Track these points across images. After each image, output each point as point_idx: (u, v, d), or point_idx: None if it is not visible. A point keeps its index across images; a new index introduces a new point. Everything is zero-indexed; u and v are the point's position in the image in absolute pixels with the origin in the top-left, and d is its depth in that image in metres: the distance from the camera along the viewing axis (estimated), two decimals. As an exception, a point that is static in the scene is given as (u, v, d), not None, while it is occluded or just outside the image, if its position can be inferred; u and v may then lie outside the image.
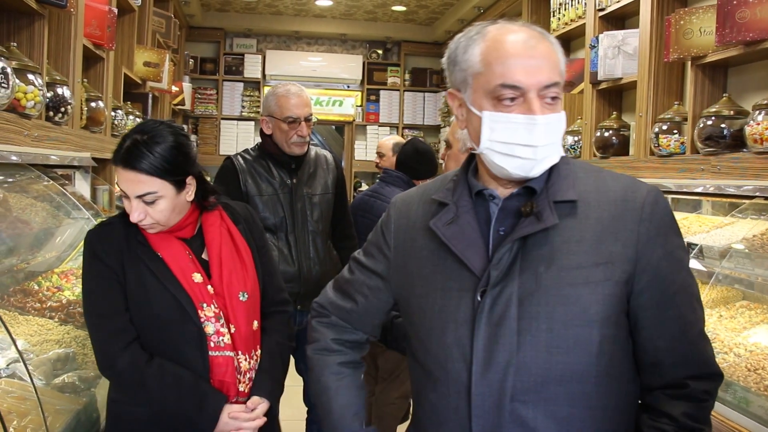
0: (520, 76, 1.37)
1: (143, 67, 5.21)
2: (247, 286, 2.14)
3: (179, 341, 2.02)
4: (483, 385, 1.38)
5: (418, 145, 4.33)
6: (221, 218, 2.18)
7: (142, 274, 2.02)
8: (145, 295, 2.01)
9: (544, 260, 1.38)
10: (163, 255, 2.04)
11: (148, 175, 1.93)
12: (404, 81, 9.22)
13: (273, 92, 3.37)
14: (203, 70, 8.83)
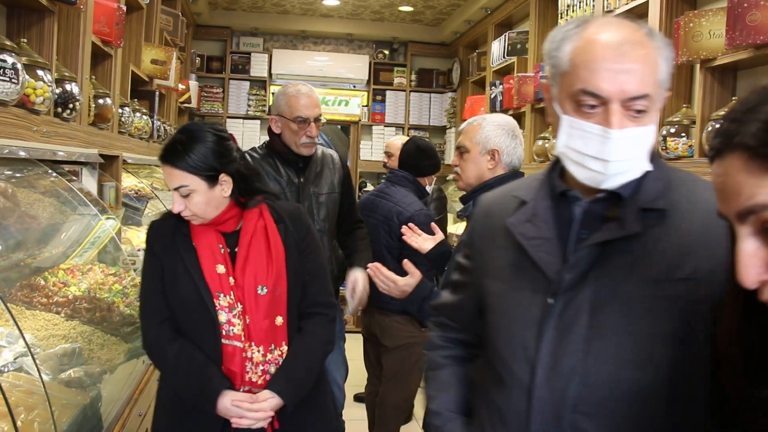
0: (605, 83, 1.30)
1: (150, 64, 5.22)
2: (269, 282, 2.22)
3: (197, 326, 2.21)
4: (545, 390, 1.35)
5: (419, 142, 4.35)
6: (260, 215, 2.30)
7: (176, 262, 2.24)
8: (174, 282, 2.23)
9: (623, 269, 1.31)
10: (197, 246, 2.24)
11: (180, 171, 2.15)
12: (410, 81, 9.22)
13: (283, 92, 3.38)
14: (210, 69, 8.85)
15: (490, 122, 2.80)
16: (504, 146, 2.76)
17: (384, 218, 4.08)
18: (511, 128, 2.81)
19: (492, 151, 2.76)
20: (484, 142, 2.77)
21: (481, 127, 2.79)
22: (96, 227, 3.30)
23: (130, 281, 3.24)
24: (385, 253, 4.05)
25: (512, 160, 2.79)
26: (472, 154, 2.80)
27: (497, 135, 2.77)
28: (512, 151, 2.77)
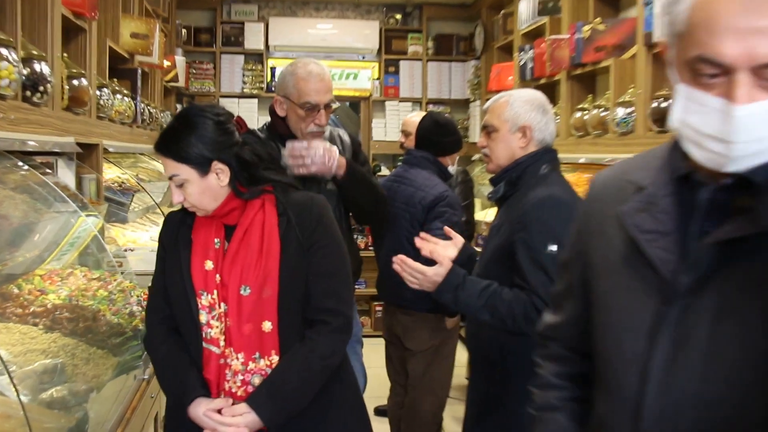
0: (728, 48, 1.18)
1: (130, 39, 5.21)
2: (255, 281, 2.21)
3: (185, 327, 2.32)
4: (656, 411, 1.30)
5: (437, 117, 4.35)
6: (261, 207, 2.31)
7: (173, 256, 2.35)
8: (169, 278, 2.35)
9: (756, 274, 1.22)
10: (194, 239, 2.33)
11: (170, 159, 2.25)
12: (427, 49, 9.18)
13: (292, 71, 3.34)
14: (198, 42, 8.84)
15: (518, 98, 2.85)
16: (535, 122, 2.81)
17: (404, 206, 4.07)
18: (541, 103, 2.86)
19: (523, 127, 2.81)
20: (513, 119, 2.82)
21: (509, 104, 2.84)
22: (75, 226, 3.30)
23: (116, 286, 3.23)
24: (407, 246, 4.03)
25: (544, 137, 2.84)
26: (502, 132, 2.84)
27: (527, 111, 2.82)
28: (544, 126, 2.82)
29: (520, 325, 2.58)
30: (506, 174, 2.83)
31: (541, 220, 2.59)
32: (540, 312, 2.49)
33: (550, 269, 2.52)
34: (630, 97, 4.47)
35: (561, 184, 2.76)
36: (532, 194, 2.68)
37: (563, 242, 2.49)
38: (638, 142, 4.29)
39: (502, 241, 2.73)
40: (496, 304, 2.61)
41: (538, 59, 6.19)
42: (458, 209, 4.08)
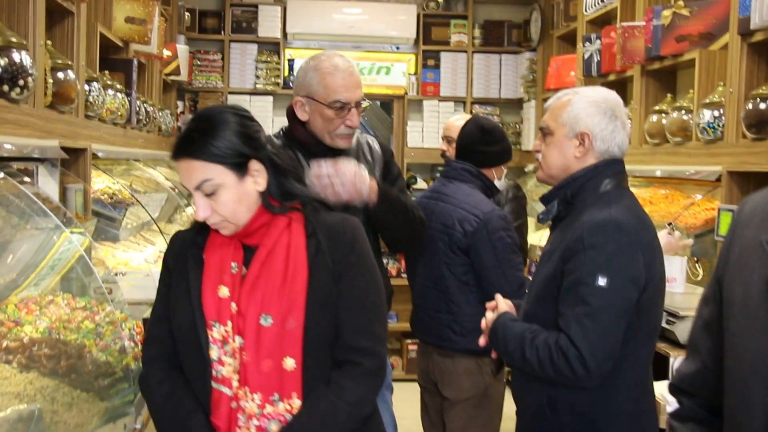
0: None
1: (125, 24, 5.24)
2: (278, 311, 2.23)
3: (190, 363, 2.32)
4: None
5: (482, 121, 4.32)
6: (288, 226, 2.33)
7: (180, 281, 2.35)
8: (175, 305, 2.35)
9: None
10: (206, 261, 2.33)
11: (201, 161, 2.22)
12: (473, 39, 9.17)
13: (315, 66, 3.36)
14: (203, 28, 8.89)
15: (583, 97, 2.83)
16: (598, 129, 2.79)
17: (443, 227, 4.04)
18: (610, 106, 2.83)
19: (581, 134, 2.80)
20: (572, 122, 2.81)
21: (570, 104, 2.83)
22: (57, 244, 3.30)
23: (105, 317, 3.23)
24: (445, 272, 4.01)
25: (609, 147, 2.81)
26: (557, 137, 2.84)
27: (590, 114, 2.80)
28: (609, 135, 2.80)
29: (547, 372, 2.58)
30: (559, 191, 2.83)
31: (594, 248, 2.58)
32: (566, 356, 2.50)
33: (593, 306, 2.51)
34: (719, 97, 4.43)
35: (625, 204, 2.73)
36: (587, 216, 2.66)
37: (617, 276, 2.48)
38: (729, 152, 4.24)
39: (551, 271, 2.72)
40: (525, 348, 2.64)
41: (606, 51, 6.15)
42: (510, 226, 4.05)
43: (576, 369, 2.50)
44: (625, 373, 2.63)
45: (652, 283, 2.60)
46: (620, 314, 2.52)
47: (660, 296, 2.72)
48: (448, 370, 4.10)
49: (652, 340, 2.73)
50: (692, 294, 4.16)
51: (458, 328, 4.02)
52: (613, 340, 2.53)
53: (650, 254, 2.61)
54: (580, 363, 2.49)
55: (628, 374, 2.64)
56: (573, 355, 2.50)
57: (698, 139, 4.60)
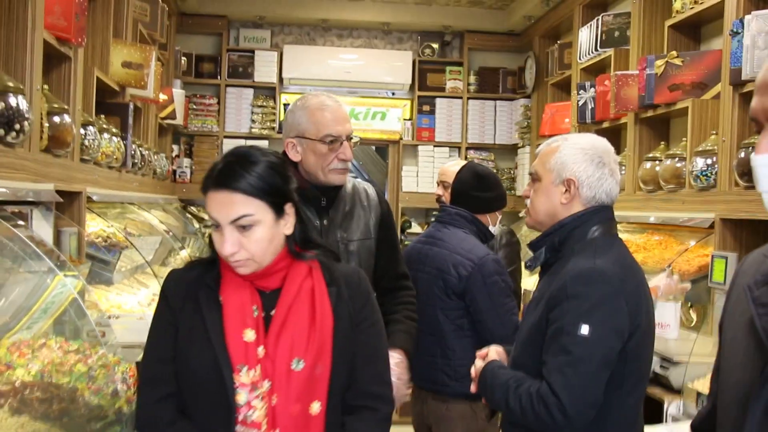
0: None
1: (122, 68, 5.27)
2: (309, 355, 2.26)
3: (208, 407, 2.27)
4: None
5: (477, 168, 4.35)
6: (309, 273, 2.37)
7: (194, 322, 2.32)
8: (188, 347, 2.31)
9: None
10: (225, 303, 2.31)
11: (244, 194, 2.23)
12: (468, 85, 9.22)
13: (303, 105, 3.39)
14: (200, 73, 8.93)
15: (572, 144, 2.84)
16: (584, 176, 2.79)
17: (437, 271, 4.05)
18: (598, 153, 2.82)
19: (567, 180, 2.80)
20: (559, 168, 2.81)
21: (558, 150, 2.84)
22: (50, 287, 3.29)
23: (98, 360, 3.21)
24: (440, 317, 4.01)
25: (596, 194, 2.80)
26: (544, 183, 2.85)
27: (576, 161, 2.80)
28: (596, 182, 2.80)
29: (530, 420, 2.59)
30: (547, 238, 2.83)
31: (577, 297, 2.58)
32: (546, 405, 2.51)
33: (575, 355, 2.51)
34: (711, 146, 4.45)
35: (612, 253, 2.72)
36: (572, 264, 2.66)
37: (599, 325, 2.50)
38: (721, 199, 4.26)
39: (536, 319, 2.72)
40: (509, 396, 2.64)
41: (600, 99, 6.19)
42: (504, 271, 4.05)
43: (556, 417, 2.50)
44: (613, 420, 2.62)
45: (638, 331, 2.60)
46: (602, 363, 2.52)
47: (648, 343, 2.72)
48: (443, 414, 4.09)
49: (640, 388, 2.72)
50: (686, 340, 4.16)
51: (452, 373, 4.01)
52: (594, 390, 2.52)
53: (635, 303, 2.61)
54: (560, 411, 2.49)
55: (616, 422, 2.64)
56: (553, 403, 2.50)
57: (691, 186, 4.62)
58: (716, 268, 4.08)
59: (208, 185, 2.28)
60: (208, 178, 2.28)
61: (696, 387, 3.71)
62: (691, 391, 3.73)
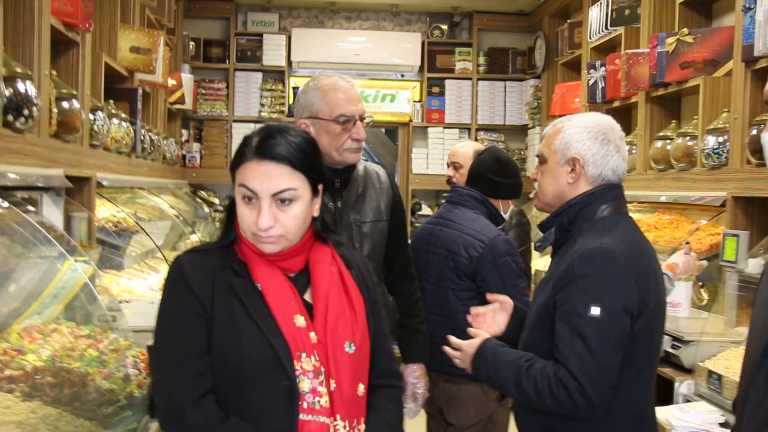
0: None
1: (130, 53, 5.26)
2: (356, 337, 2.27)
3: (265, 398, 2.17)
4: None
5: (499, 153, 4.32)
6: (332, 257, 2.36)
7: (234, 311, 2.20)
8: (236, 337, 2.18)
9: None
10: (264, 288, 2.22)
11: (291, 167, 2.18)
12: (478, 66, 9.21)
13: (315, 86, 3.39)
14: (208, 57, 8.94)
15: (575, 123, 2.83)
16: (588, 154, 2.77)
17: (448, 252, 4.04)
18: (602, 130, 2.80)
19: (572, 159, 2.79)
20: (563, 148, 2.80)
21: (562, 130, 2.83)
22: (61, 272, 3.30)
23: (108, 344, 3.22)
24: (451, 298, 4.00)
25: (602, 172, 2.79)
26: (550, 164, 2.84)
27: (580, 140, 2.78)
28: (601, 160, 2.78)
29: (547, 403, 2.56)
30: (556, 218, 2.82)
31: (585, 277, 2.57)
32: (567, 388, 2.48)
33: (588, 337, 2.50)
34: (723, 123, 4.43)
35: (619, 231, 2.70)
36: (579, 244, 2.65)
37: (610, 305, 2.49)
38: (733, 177, 4.24)
39: (544, 300, 2.71)
40: (521, 377, 2.62)
41: (611, 78, 6.18)
42: (515, 251, 4.04)
43: (577, 401, 2.48)
44: (623, 401, 2.61)
45: (647, 310, 2.58)
46: (616, 343, 2.51)
47: (658, 323, 2.70)
48: (453, 396, 4.08)
49: (649, 368, 2.71)
50: (697, 319, 4.15)
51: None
52: (613, 371, 2.51)
53: (644, 281, 2.59)
54: (580, 394, 2.48)
55: (626, 402, 2.63)
56: (574, 387, 2.48)
57: (703, 165, 4.60)
58: (728, 246, 4.06)
59: (247, 155, 2.21)
60: (247, 146, 2.22)
61: (707, 366, 3.71)
62: (702, 371, 3.72)
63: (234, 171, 2.25)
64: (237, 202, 2.23)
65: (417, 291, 3.76)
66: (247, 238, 2.24)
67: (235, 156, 2.26)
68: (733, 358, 3.73)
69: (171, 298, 2.26)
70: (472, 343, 2.84)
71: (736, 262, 3.97)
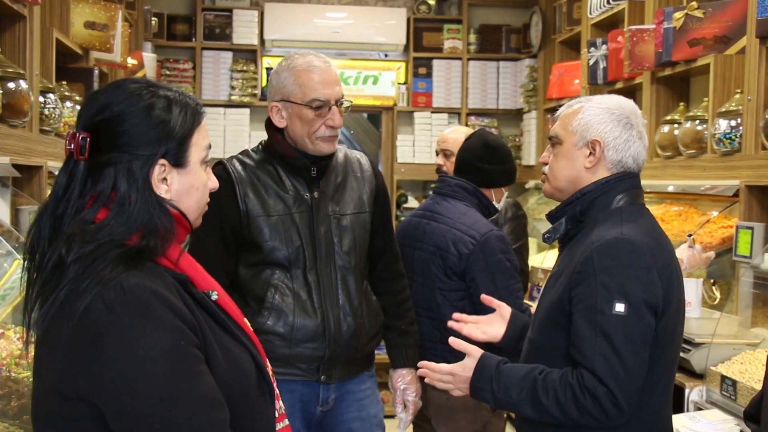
0: None
1: (84, 29, 5.24)
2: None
3: (254, 415, 2.07)
4: None
5: (488, 137, 4.29)
6: None
7: (212, 331, 1.99)
8: (231, 360, 2.01)
9: None
10: (219, 293, 2.10)
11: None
12: (468, 45, 9.19)
13: (288, 66, 3.38)
14: (173, 35, 8.89)
15: (596, 104, 2.81)
16: (611, 137, 2.76)
17: (436, 248, 4.02)
18: (625, 113, 2.80)
19: (592, 142, 2.77)
20: (582, 130, 2.78)
21: (582, 111, 2.81)
22: (9, 272, 3.29)
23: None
24: (439, 299, 3.99)
25: (622, 158, 2.78)
26: (566, 146, 2.81)
27: (602, 121, 2.77)
28: (622, 145, 2.77)
29: (574, 417, 2.54)
30: (568, 207, 2.80)
31: (606, 270, 2.54)
32: (595, 396, 2.47)
33: (614, 337, 2.48)
34: (736, 106, 4.43)
35: (638, 221, 2.69)
36: (596, 235, 2.63)
37: (634, 300, 2.47)
38: (747, 164, 4.24)
39: (557, 297, 2.69)
40: (538, 393, 2.58)
41: (613, 57, 6.17)
42: (509, 249, 4.03)
43: (607, 409, 2.45)
44: (642, 407, 2.59)
45: (669, 309, 2.57)
46: (642, 342, 2.49)
47: (679, 325, 2.69)
48: (443, 405, 4.07)
49: (670, 373, 2.70)
50: (708, 319, 4.14)
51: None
52: (641, 371, 2.50)
53: (668, 277, 2.58)
54: (610, 401, 2.45)
55: (645, 409, 2.61)
56: (603, 394, 2.45)
57: (714, 151, 4.60)
58: (741, 240, 4.06)
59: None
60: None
61: (720, 371, 3.70)
62: (715, 376, 3.71)
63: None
64: (197, 171, 2.10)
65: (405, 289, 3.75)
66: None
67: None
68: (749, 362, 3.72)
69: (157, 339, 1.84)
70: (466, 365, 2.78)
71: (751, 257, 3.97)
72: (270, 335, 3.26)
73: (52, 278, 1.88)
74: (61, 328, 1.83)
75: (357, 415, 3.55)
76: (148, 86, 2.05)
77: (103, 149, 1.95)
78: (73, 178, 1.96)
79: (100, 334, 1.79)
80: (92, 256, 1.85)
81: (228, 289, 3.34)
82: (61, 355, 1.84)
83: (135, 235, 1.91)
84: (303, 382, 3.38)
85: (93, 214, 1.92)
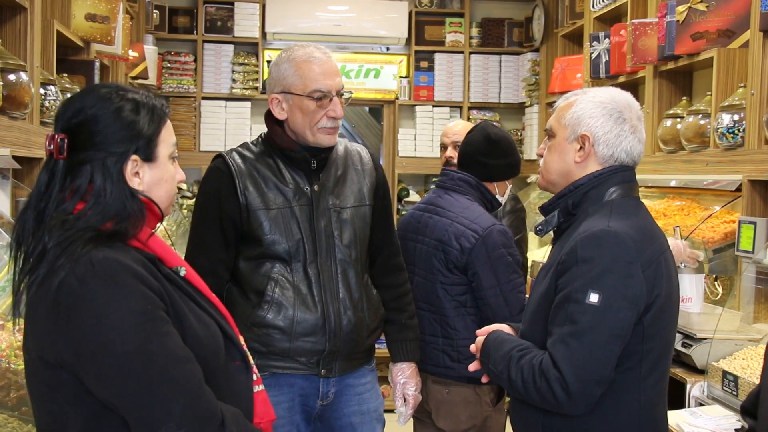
0: None
1: (85, 22, 5.23)
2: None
3: (230, 378, 2.30)
4: None
5: (490, 130, 4.27)
6: None
7: (182, 300, 2.22)
8: (202, 327, 2.23)
9: None
10: (187, 269, 2.31)
11: None
12: (470, 39, 9.18)
13: (288, 57, 3.38)
14: (174, 27, 8.87)
15: (589, 98, 2.81)
16: (600, 132, 2.76)
17: (438, 242, 4.02)
18: (618, 107, 2.79)
19: (582, 137, 2.78)
20: (573, 124, 2.79)
21: (575, 104, 2.81)
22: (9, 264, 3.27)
23: (59, 344, 3.19)
24: (441, 293, 3.98)
25: (614, 152, 2.78)
26: (558, 139, 2.83)
27: (593, 115, 2.77)
28: (613, 140, 2.77)
29: (533, 397, 2.57)
30: (560, 200, 2.81)
31: (587, 261, 2.55)
32: (547, 379, 2.48)
33: (581, 325, 2.49)
34: (739, 100, 4.42)
35: (630, 215, 2.69)
36: (584, 226, 2.64)
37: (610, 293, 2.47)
38: (750, 159, 4.23)
39: (545, 288, 2.70)
40: (510, 369, 2.63)
41: (615, 51, 6.16)
42: (512, 243, 4.02)
43: (557, 393, 2.47)
44: (628, 402, 2.60)
45: (657, 302, 2.57)
46: (612, 335, 2.49)
47: (670, 318, 2.69)
48: (444, 399, 4.07)
49: (661, 367, 2.69)
50: (710, 314, 4.13)
51: (455, 354, 3.99)
52: (602, 364, 2.49)
53: (654, 270, 2.57)
54: (561, 386, 2.46)
55: (631, 404, 2.61)
56: (554, 377, 2.47)
57: (716, 146, 4.59)
58: (744, 234, 4.05)
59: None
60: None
61: (721, 366, 3.70)
62: (716, 371, 3.71)
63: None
64: (166, 165, 2.32)
65: (406, 283, 3.74)
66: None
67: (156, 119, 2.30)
68: (750, 357, 3.72)
69: (139, 305, 2.06)
70: (478, 341, 2.85)
71: (753, 252, 3.96)
72: (270, 329, 3.26)
73: (36, 264, 2.09)
74: (41, 303, 2.05)
75: (357, 409, 3.54)
76: (117, 90, 2.27)
77: (79, 148, 2.17)
78: (53, 176, 2.18)
79: (74, 304, 2.01)
80: (69, 240, 2.07)
81: (228, 282, 3.36)
82: (42, 327, 2.06)
83: (109, 222, 2.13)
84: (303, 376, 3.38)
85: (72, 206, 2.14)
